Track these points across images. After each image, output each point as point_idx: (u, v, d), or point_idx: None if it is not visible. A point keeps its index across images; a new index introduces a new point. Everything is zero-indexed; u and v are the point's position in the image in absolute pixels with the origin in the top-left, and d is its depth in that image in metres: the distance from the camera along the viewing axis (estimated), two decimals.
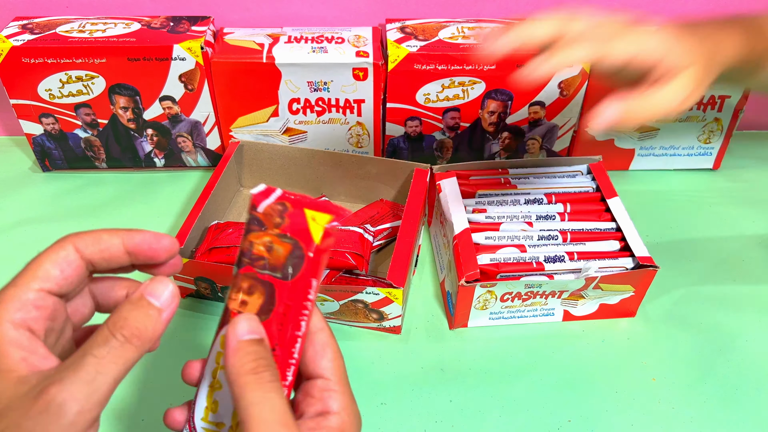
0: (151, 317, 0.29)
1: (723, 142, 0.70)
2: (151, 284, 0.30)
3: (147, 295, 0.30)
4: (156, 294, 0.30)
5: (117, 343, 0.28)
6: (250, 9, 0.69)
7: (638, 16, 0.38)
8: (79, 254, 0.30)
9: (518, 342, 0.54)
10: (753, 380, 0.51)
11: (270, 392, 0.28)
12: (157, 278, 0.30)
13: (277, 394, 0.28)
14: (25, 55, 0.62)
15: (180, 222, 0.64)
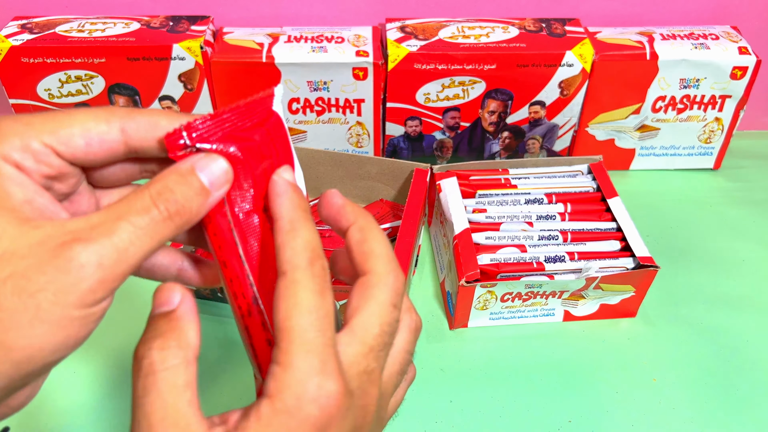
0: (198, 198, 0.25)
1: (724, 141, 0.70)
2: (204, 158, 0.25)
3: (198, 169, 0.25)
4: (207, 171, 0.25)
5: (159, 217, 0.24)
6: (250, 8, 0.69)
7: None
8: (123, 138, 0.26)
9: (518, 342, 0.54)
10: (754, 380, 0.51)
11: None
12: (213, 155, 0.26)
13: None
14: (25, 55, 0.62)
15: None
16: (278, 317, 0.24)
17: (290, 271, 0.25)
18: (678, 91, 0.66)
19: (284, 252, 0.25)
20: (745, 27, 0.70)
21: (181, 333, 0.26)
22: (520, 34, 0.65)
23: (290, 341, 0.24)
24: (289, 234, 0.25)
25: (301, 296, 0.24)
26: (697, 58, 0.64)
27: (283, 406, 0.24)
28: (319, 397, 0.24)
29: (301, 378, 0.24)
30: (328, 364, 0.24)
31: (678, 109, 0.68)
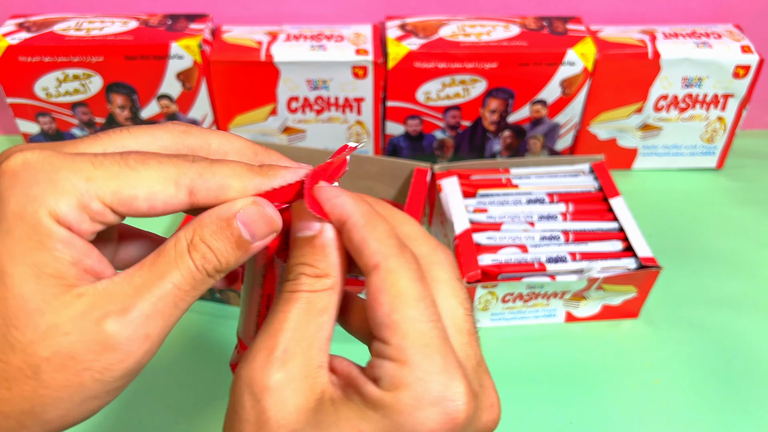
0: (236, 252, 0.24)
1: (726, 141, 0.70)
2: (248, 208, 0.24)
3: (241, 221, 0.24)
4: (249, 221, 0.24)
5: (200, 277, 0.23)
6: (249, 7, 0.69)
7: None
8: (189, 200, 0.24)
9: (519, 343, 0.53)
10: (757, 382, 0.51)
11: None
12: (260, 202, 0.24)
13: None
14: (22, 54, 0.61)
15: (178, 222, 0.64)
16: (381, 312, 0.22)
17: (383, 261, 0.23)
18: (680, 90, 0.66)
19: (369, 245, 0.23)
20: (748, 25, 0.70)
21: (326, 257, 0.24)
22: (522, 33, 0.64)
23: (403, 336, 0.22)
24: (368, 227, 0.24)
25: (403, 285, 0.22)
26: (700, 57, 0.64)
27: (397, 403, 0.22)
28: (444, 400, 0.22)
29: (422, 377, 0.22)
30: (450, 361, 0.22)
31: (680, 108, 0.67)
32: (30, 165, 0.22)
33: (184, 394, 0.50)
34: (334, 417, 0.22)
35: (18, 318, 0.21)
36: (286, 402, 0.22)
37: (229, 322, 0.55)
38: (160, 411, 0.49)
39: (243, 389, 0.22)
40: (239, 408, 0.22)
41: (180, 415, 0.48)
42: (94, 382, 0.22)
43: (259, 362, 0.22)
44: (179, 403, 0.49)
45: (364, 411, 0.22)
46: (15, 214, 0.22)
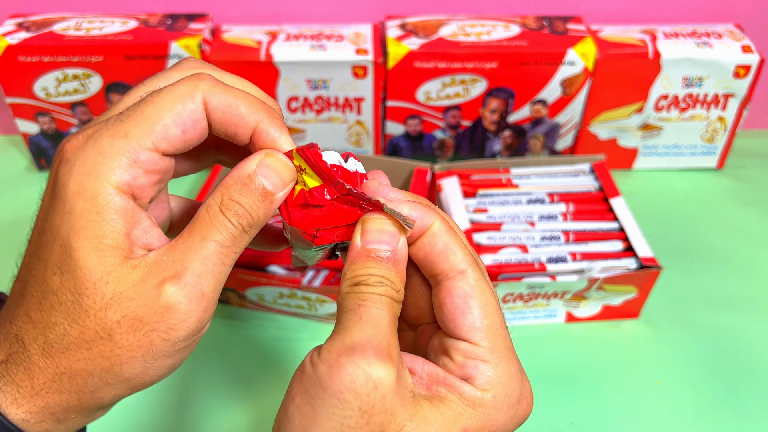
0: (264, 204, 0.25)
1: (727, 140, 0.70)
2: (264, 161, 0.25)
3: (261, 175, 0.25)
4: (268, 173, 0.25)
5: (237, 231, 0.25)
6: (249, 6, 0.69)
7: None
8: (206, 112, 0.25)
9: (520, 344, 0.53)
10: (757, 382, 0.50)
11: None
12: (273, 153, 0.26)
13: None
14: (21, 54, 0.61)
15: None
16: (474, 316, 0.25)
17: (470, 268, 0.25)
18: (681, 89, 0.66)
19: (455, 252, 0.25)
20: (749, 25, 0.70)
21: (399, 274, 0.26)
22: (522, 32, 0.64)
23: (493, 340, 0.25)
24: (451, 233, 0.26)
25: (488, 294, 0.25)
26: (700, 57, 0.63)
27: (494, 401, 0.24)
28: (523, 397, 0.26)
29: (511, 377, 0.25)
30: (520, 364, 0.26)
31: (681, 108, 0.67)
32: (77, 146, 0.24)
33: (184, 394, 0.50)
34: (439, 414, 0.24)
35: (86, 287, 0.24)
36: (386, 398, 0.23)
37: (229, 321, 0.55)
38: (160, 411, 0.49)
39: (357, 374, 0.23)
40: (340, 403, 0.23)
41: (180, 415, 0.48)
42: (162, 342, 0.24)
43: (373, 359, 0.23)
44: (179, 403, 0.49)
45: (464, 408, 0.24)
46: (75, 193, 0.24)
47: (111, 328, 0.24)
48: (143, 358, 0.24)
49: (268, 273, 0.52)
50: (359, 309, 0.24)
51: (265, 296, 0.53)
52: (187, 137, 0.25)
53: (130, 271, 0.24)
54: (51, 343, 0.24)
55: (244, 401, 0.49)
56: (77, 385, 0.24)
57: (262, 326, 0.55)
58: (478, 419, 0.24)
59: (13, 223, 0.64)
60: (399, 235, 0.26)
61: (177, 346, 0.25)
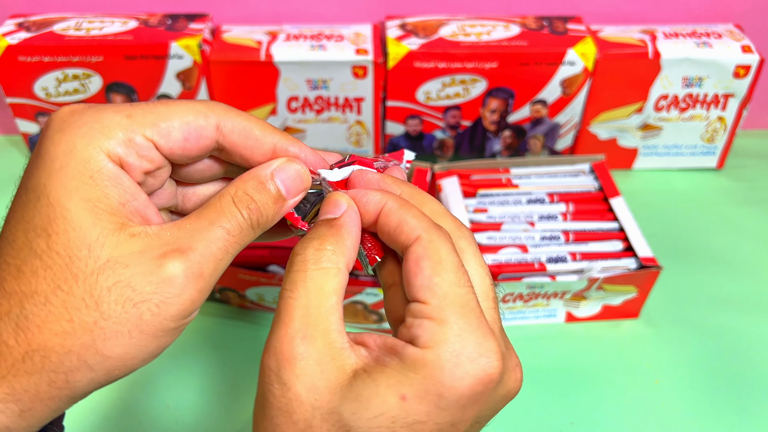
0: (275, 206, 0.26)
1: (727, 140, 0.70)
2: (283, 166, 0.26)
3: (277, 177, 0.26)
4: (285, 178, 0.26)
5: (245, 224, 0.25)
6: (249, 6, 0.69)
7: None
8: (218, 135, 0.26)
9: (520, 344, 0.53)
10: (757, 382, 0.50)
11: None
12: (293, 161, 0.26)
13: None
14: (22, 54, 0.61)
15: None
16: (422, 275, 0.24)
17: (424, 233, 0.25)
18: (681, 89, 0.66)
19: (408, 222, 0.25)
20: (749, 25, 0.70)
21: (339, 239, 0.25)
22: (522, 32, 0.64)
23: (443, 297, 0.24)
24: (402, 209, 0.26)
25: (444, 253, 0.24)
26: (700, 57, 0.63)
27: (437, 360, 0.23)
28: (479, 357, 0.23)
29: (460, 334, 0.23)
30: (483, 322, 0.24)
31: (681, 108, 0.67)
32: (76, 111, 0.24)
33: (184, 394, 0.50)
34: (373, 387, 0.23)
35: (80, 249, 0.22)
36: (316, 384, 0.23)
37: (229, 321, 0.55)
38: (159, 411, 0.49)
39: (271, 378, 0.23)
40: (270, 396, 0.23)
41: (180, 415, 0.48)
42: (152, 316, 0.23)
43: (282, 351, 0.23)
44: (179, 403, 0.49)
45: (404, 374, 0.23)
46: (66, 152, 0.23)
47: (100, 295, 0.22)
48: (128, 335, 0.22)
49: (268, 273, 0.52)
50: (284, 292, 0.25)
51: (265, 296, 0.53)
52: (186, 146, 0.25)
53: (128, 239, 0.23)
54: (27, 316, 0.22)
55: (244, 401, 0.49)
56: (51, 364, 0.22)
57: (262, 326, 0.55)
58: (419, 383, 0.22)
59: None
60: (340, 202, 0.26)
61: (164, 325, 0.23)
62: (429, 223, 0.25)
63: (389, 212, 0.26)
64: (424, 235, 0.25)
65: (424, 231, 0.25)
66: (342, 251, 0.25)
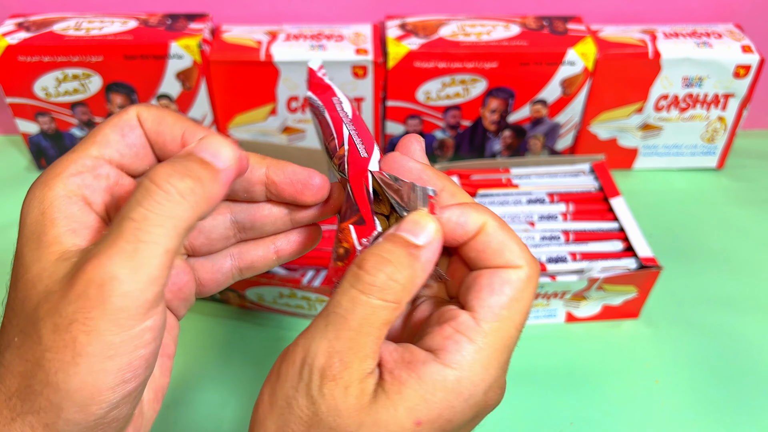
0: (207, 174, 0.23)
1: (727, 140, 0.70)
2: (205, 140, 0.24)
3: (200, 151, 0.23)
4: (212, 151, 0.23)
5: (162, 197, 0.21)
6: (248, 6, 0.69)
7: None
8: (140, 122, 0.26)
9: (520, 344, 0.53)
10: (758, 382, 0.50)
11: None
12: (213, 136, 0.24)
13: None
14: (21, 53, 0.61)
15: None
16: (498, 299, 0.24)
17: (528, 266, 0.25)
18: (681, 89, 0.66)
19: (512, 248, 0.25)
20: (749, 25, 0.70)
21: (413, 275, 0.24)
22: (522, 32, 0.64)
23: (496, 329, 0.24)
24: (506, 229, 0.25)
25: (526, 294, 0.25)
26: (700, 57, 0.63)
27: (458, 386, 0.23)
28: (490, 391, 0.24)
29: (488, 367, 0.23)
30: (507, 363, 0.25)
31: (681, 108, 0.67)
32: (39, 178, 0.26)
33: (184, 393, 0.50)
34: (392, 410, 0.23)
35: (27, 288, 0.23)
36: (339, 409, 0.22)
37: (227, 322, 0.55)
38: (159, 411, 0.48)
39: (300, 385, 0.23)
40: (293, 402, 0.23)
41: (179, 415, 0.48)
42: (86, 336, 0.21)
43: (324, 365, 0.23)
44: (179, 403, 0.49)
45: (422, 396, 0.23)
46: (27, 203, 0.25)
47: (40, 328, 0.21)
48: (73, 362, 0.21)
49: (269, 273, 0.52)
50: (328, 312, 0.24)
51: (265, 296, 0.53)
52: (128, 142, 0.26)
53: (61, 264, 0.22)
54: (2, 363, 0.22)
55: (244, 401, 0.49)
56: (27, 407, 0.21)
57: (262, 326, 0.55)
58: (435, 408, 0.23)
59: (12, 223, 0.63)
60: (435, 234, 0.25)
61: (108, 341, 0.21)
62: (531, 256, 0.25)
63: (491, 233, 0.25)
64: (525, 268, 0.25)
65: (527, 264, 0.25)
66: (411, 290, 0.24)
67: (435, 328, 0.24)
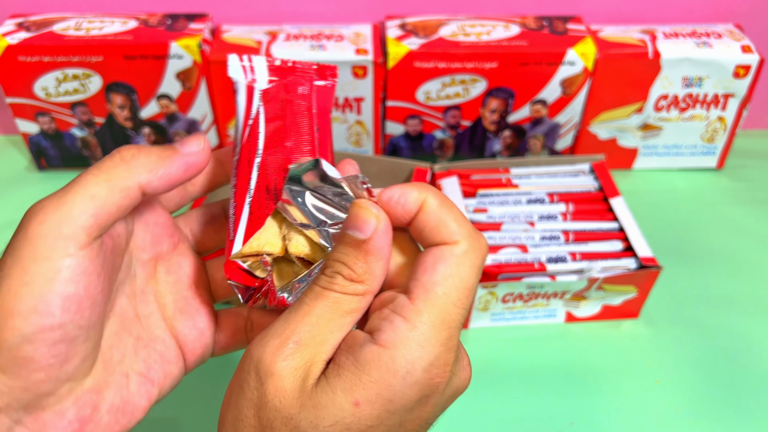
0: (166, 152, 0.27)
1: (727, 140, 0.70)
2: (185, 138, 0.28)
3: (177, 144, 0.27)
4: (183, 141, 0.28)
5: (106, 160, 0.25)
6: (249, 6, 0.69)
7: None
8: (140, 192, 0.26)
9: (520, 344, 0.53)
10: (757, 382, 0.50)
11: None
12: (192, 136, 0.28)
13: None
14: (21, 53, 0.61)
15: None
16: (432, 278, 0.24)
17: (464, 240, 0.24)
18: (681, 89, 0.66)
19: (450, 224, 0.25)
20: (749, 25, 0.70)
21: (368, 268, 0.24)
22: (522, 32, 0.64)
23: (431, 306, 0.23)
24: (445, 206, 0.25)
25: (464, 271, 0.24)
26: (700, 57, 0.63)
27: (391, 363, 0.23)
28: (431, 368, 0.23)
29: (424, 345, 0.23)
30: (453, 340, 0.24)
31: (681, 108, 0.67)
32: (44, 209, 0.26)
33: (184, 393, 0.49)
34: (330, 393, 0.23)
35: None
36: (286, 389, 0.23)
37: None
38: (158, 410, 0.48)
39: (251, 368, 0.23)
40: (245, 384, 0.23)
41: (179, 415, 0.48)
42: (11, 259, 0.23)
43: (271, 348, 0.23)
44: (178, 403, 0.49)
45: (358, 376, 0.23)
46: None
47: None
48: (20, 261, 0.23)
49: None
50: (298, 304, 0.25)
51: None
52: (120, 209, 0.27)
53: None
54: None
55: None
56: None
57: None
58: (371, 387, 0.23)
59: (13, 223, 0.63)
60: (372, 220, 0.24)
61: (23, 265, 0.23)
62: (470, 231, 0.25)
63: (429, 210, 0.25)
64: (462, 243, 0.24)
65: (464, 238, 0.24)
66: (371, 279, 0.24)
67: (375, 312, 0.25)
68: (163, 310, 0.30)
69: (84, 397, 0.25)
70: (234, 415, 0.24)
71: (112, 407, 0.26)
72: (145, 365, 0.28)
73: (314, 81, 0.32)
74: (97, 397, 0.25)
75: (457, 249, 0.24)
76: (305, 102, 0.31)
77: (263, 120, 0.30)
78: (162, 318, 0.29)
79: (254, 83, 0.32)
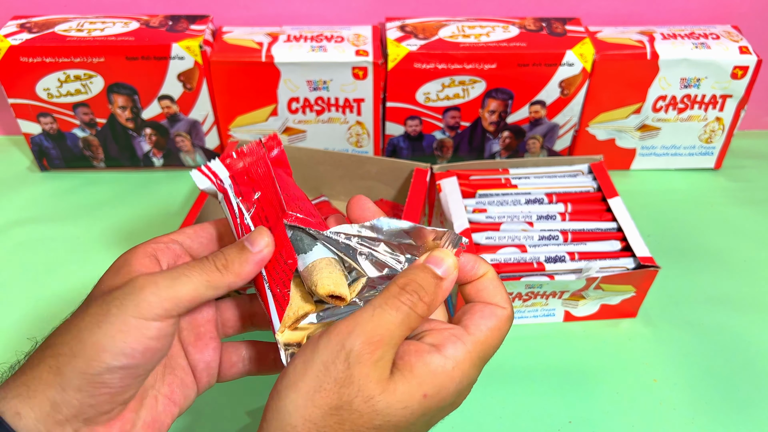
0: (243, 255, 0.32)
1: (724, 141, 0.70)
2: (251, 235, 0.33)
3: (246, 241, 0.32)
4: (250, 240, 0.33)
5: (208, 264, 0.31)
6: (249, 8, 0.69)
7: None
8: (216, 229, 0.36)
9: (519, 343, 0.54)
10: (755, 381, 0.51)
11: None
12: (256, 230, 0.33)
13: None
14: (23, 54, 0.62)
15: (178, 222, 0.64)
16: (485, 322, 0.32)
17: (509, 309, 0.33)
18: (679, 90, 0.66)
19: (503, 295, 0.33)
20: (746, 26, 0.70)
21: (435, 300, 0.31)
22: (521, 34, 0.65)
23: (479, 348, 0.31)
24: (499, 281, 0.34)
25: (502, 332, 0.33)
26: (698, 58, 0.64)
27: (453, 372, 0.30)
28: (470, 384, 0.32)
29: (469, 371, 0.31)
30: (480, 370, 0.32)
31: (679, 109, 0.67)
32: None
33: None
34: (405, 384, 0.29)
35: None
36: (370, 375, 0.29)
37: None
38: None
39: (341, 354, 0.29)
40: (331, 366, 0.29)
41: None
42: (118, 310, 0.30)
43: (361, 342, 0.29)
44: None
45: (426, 375, 0.29)
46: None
47: (91, 301, 0.31)
48: (98, 323, 0.29)
49: None
50: (375, 308, 0.30)
51: None
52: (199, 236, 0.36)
53: (125, 278, 0.32)
54: (64, 325, 0.31)
55: (245, 401, 0.49)
56: (51, 351, 0.30)
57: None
58: (436, 384, 0.30)
59: (15, 223, 0.64)
60: (454, 269, 0.32)
61: (125, 317, 0.29)
62: (511, 304, 0.34)
63: (490, 281, 0.34)
64: (509, 311, 0.33)
65: (510, 308, 0.33)
66: (433, 308, 0.31)
67: (433, 332, 0.32)
68: (183, 342, 0.35)
69: (126, 415, 0.31)
70: (311, 386, 0.29)
71: (144, 424, 0.32)
72: (169, 389, 0.34)
73: (266, 155, 0.37)
74: (135, 415, 0.32)
75: (505, 312, 0.33)
76: (267, 174, 0.36)
77: (245, 208, 0.36)
78: (182, 349, 0.35)
79: (222, 184, 0.37)
